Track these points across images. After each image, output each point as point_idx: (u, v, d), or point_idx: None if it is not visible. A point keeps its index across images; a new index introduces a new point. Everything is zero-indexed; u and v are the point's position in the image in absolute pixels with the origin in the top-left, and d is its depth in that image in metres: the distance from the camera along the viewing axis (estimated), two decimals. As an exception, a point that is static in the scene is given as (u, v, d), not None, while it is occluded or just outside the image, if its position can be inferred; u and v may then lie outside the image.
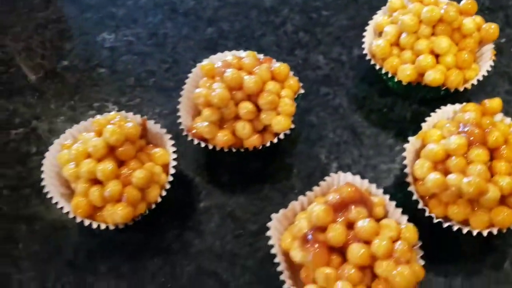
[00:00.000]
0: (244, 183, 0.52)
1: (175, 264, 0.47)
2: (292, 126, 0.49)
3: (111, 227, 0.45)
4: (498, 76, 0.57)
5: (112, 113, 0.49)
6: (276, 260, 0.41)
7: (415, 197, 0.45)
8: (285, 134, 0.49)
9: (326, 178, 0.46)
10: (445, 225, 0.43)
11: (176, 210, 0.50)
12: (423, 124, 0.48)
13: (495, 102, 0.47)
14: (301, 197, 0.45)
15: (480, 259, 0.46)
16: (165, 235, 0.49)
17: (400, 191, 0.48)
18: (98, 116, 0.48)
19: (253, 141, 0.49)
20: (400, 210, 0.43)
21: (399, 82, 0.52)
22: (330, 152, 0.53)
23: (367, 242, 0.39)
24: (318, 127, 0.55)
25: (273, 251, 0.42)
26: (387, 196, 0.44)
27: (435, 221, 0.44)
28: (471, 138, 0.44)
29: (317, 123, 0.55)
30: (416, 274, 0.39)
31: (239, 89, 0.48)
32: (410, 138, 0.47)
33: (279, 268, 0.41)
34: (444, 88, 0.51)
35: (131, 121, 0.47)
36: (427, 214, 0.44)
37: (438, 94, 0.53)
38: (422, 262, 0.40)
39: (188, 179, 0.52)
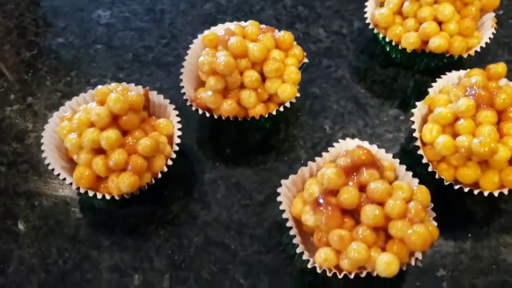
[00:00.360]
0: (249, 154, 0.51)
1: (181, 236, 0.46)
2: (298, 95, 0.48)
3: (116, 198, 0.44)
4: (498, 46, 0.58)
5: (114, 84, 0.48)
6: (288, 224, 0.41)
7: (424, 160, 0.44)
8: (290, 103, 0.48)
9: (335, 144, 0.45)
10: (456, 186, 0.43)
11: (180, 182, 0.49)
12: (429, 89, 0.47)
13: (500, 67, 0.47)
14: (310, 163, 0.44)
15: (489, 223, 0.46)
16: (170, 207, 0.48)
17: (407, 158, 0.47)
18: (100, 87, 0.47)
19: (258, 110, 0.48)
20: (410, 173, 0.43)
21: (403, 50, 0.51)
22: (334, 122, 0.53)
23: (380, 204, 0.39)
24: (321, 98, 0.54)
25: (284, 215, 0.41)
26: (397, 160, 0.44)
27: (446, 183, 0.44)
28: (479, 101, 0.44)
29: (320, 95, 0.55)
30: (431, 233, 0.38)
31: (243, 57, 0.47)
32: (418, 103, 0.47)
33: (291, 232, 0.40)
34: (447, 55, 0.51)
35: (134, 91, 0.46)
36: (437, 176, 0.44)
37: (442, 61, 0.53)
38: (435, 223, 0.40)
39: (192, 151, 0.51)
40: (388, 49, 0.55)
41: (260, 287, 0.43)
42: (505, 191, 0.42)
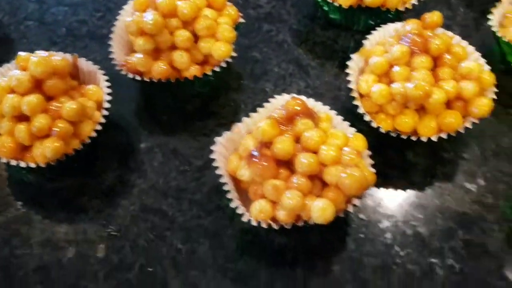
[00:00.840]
0: (187, 121, 0.49)
1: (116, 206, 0.44)
2: (234, 54, 0.46)
3: (42, 165, 0.41)
4: (436, 3, 0.57)
5: (39, 51, 0.45)
6: (222, 180, 0.39)
7: (361, 111, 0.43)
8: (228, 65, 0.47)
9: (271, 99, 0.44)
10: (394, 134, 0.42)
11: (115, 153, 0.47)
12: (364, 41, 0.47)
13: (435, 15, 0.46)
14: (245, 119, 0.43)
15: (432, 172, 0.45)
16: (104, 178, 0.45)
17: (348, 115, 0.46)
18: (22, 53, 0.44)
19: (192, 71, 0.46)
20: (347, 123, 0.42)
21: (340, 8, 0.51)
22: (276, 85, 0.51)
23: (315, 153, 0.38)
24: (262, 62, 0.53)
25: (217, 172, 0.39)
26: (334, 112, 0.43)
27: (384, 131, 0.42)
28: (414, 47, 0.43)
29: (261, 59, 0.53)
30: (366, 177, 0.37)
31: (173, 16, 0.45)
32: (353, 55, 0.46)
33: (225, 188, 0.39)
34: (384, 9, 0.50)
35: (59, 56, 0.44)
36: (375, 125, 0.43)
37: (380, 19, 0.52)
38: (373, 170, 0.39)
39: (127, 121, 0.49)
40: (326, 9, 0.54)
41: (199, 250, 0.41)
42: (444, 135, 0.42)
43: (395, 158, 0.46)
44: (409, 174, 0.45)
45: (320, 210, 0.35)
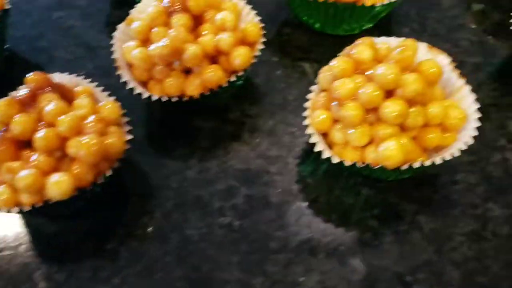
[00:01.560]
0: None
1: None
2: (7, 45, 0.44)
3: None
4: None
5: None
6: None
7: (124, 79, 0.41)
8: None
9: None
10: (155, 97, 0.40)
11: None
12: (131, 11, 0.45)
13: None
14: None
15: (217, 134, 0.43)
16: None
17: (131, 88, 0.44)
18: None
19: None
20: (106, 93, 0.40)
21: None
22: (62, 71, 0.48)
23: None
24: (49, 50, 0.51)
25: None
26: (94, 84, 0.41)
27: (150, 96, 0.40)
28: (173, 7, 0.41)
29: (49, 47, 0.51)
30: (108, 144, 0.35)
31: None
32: (118, 26, 0.44)
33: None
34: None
35: None
36: (138, 91, 0.41)
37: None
38: (128, 136, 0.37)
39: None
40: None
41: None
42: (206, 92, 0.40)
43: (182, 126, 0.44)
44: (194, 140, 0.43)
45: (55, 184, 0.33)
